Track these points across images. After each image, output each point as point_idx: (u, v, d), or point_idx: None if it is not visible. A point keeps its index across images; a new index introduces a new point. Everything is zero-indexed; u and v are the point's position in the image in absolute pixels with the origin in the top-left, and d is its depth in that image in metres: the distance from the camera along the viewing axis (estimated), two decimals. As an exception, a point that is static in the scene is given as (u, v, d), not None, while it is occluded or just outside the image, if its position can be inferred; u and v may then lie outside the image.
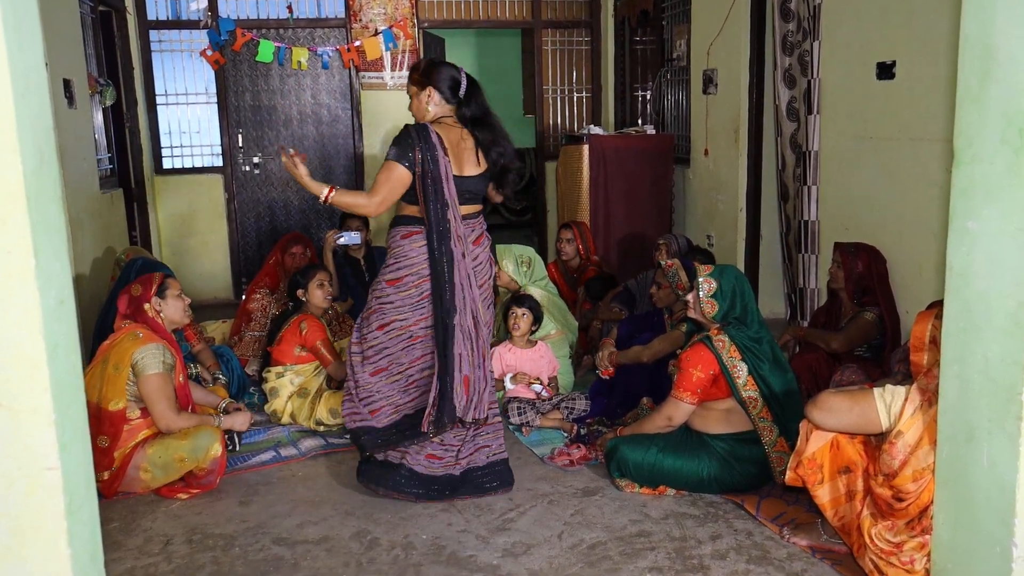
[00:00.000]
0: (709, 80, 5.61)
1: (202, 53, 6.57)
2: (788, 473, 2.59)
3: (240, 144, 6.82)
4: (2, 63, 1.33)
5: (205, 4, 6.51)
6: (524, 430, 3.76)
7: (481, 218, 3.14)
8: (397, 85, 6.84)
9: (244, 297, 4.91)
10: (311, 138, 6.97)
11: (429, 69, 3.07)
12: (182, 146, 6.78)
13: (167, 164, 6.73)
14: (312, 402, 3.88)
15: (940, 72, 3.54)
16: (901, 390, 2.36)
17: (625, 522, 2.88)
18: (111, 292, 4.27)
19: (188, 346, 4.06)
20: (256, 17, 6.70)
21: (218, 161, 6.82)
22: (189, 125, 6.77)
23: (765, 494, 3.00)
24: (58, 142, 4.05)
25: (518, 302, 4.10)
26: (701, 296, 3.06)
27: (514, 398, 3.87)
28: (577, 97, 7.47)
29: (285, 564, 2.66)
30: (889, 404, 2.35)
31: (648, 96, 7.01)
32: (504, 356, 4.05)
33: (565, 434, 3.71)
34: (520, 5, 7.18)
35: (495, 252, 3.74)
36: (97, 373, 3.15)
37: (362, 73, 6.85)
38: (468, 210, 3.05)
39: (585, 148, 5.85)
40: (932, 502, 2.18)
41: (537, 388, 3.96)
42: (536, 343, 4.13)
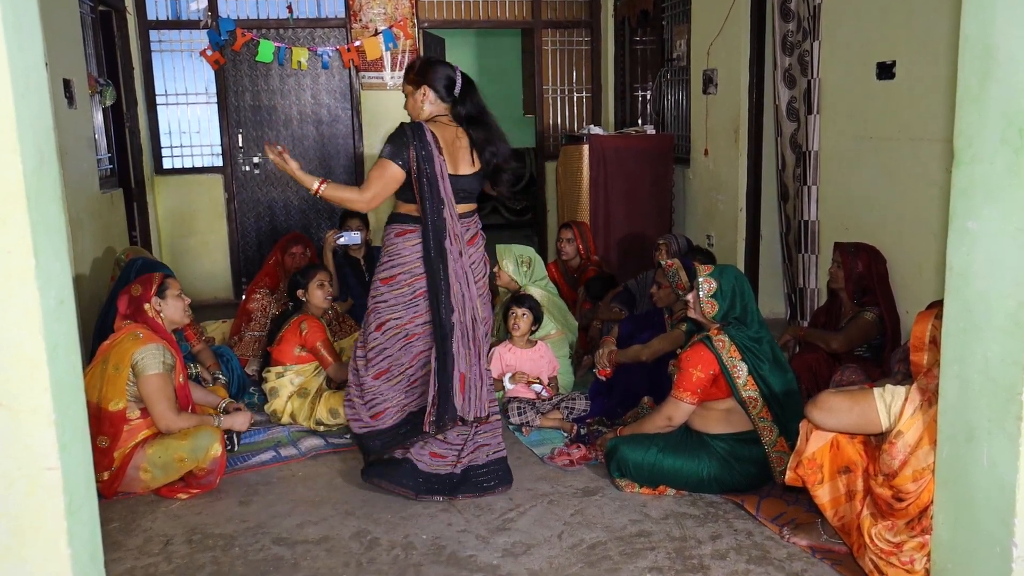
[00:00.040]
0: (709, 80, 5.61)
1: (202, 53, 6.57)
2: (788, 473, 2.59)
3: (240, 144, 6.82)
4: (2, 63, 1.33)
5: (205, 4, 6.51)
6: (524, 430, 3.76)
7: (476, 217, 3.14)
8: (397, 85, 6.83)
9: (244, 297, 4.91)
10: (311, 138, 6.96)
11: (424, 68, 3.08)
12: (182, 146, 6.78)
13: (167, 164, 6.73)
14: (312, 402, 3.88)
15: (940, 72, 3.54)
16: (901, 390, 2.36)
17: (625, 522, 2.88)
18: (111, 292, 4.27)
19: (188, 346, 4.06)
20: (256, 17, 6.70)
21: (218, 161, 6.83)
22: (189, 125, 6.77)
23: (765, 494, 3.00)
24: (58, 142, 4.04)
25: (518, 302, 4.10)
26: (701, 296, 3.06)
27: (514, 398, 3.87)
28: (577, 97, 7.47)
29: (285, 564, 2.66)
30: (889, 404, 2.35)
31: (648, 96, 7.01)
32: (504, 356, 4.05)
33: (565, 434, 3.71)
34: (520, 5, 7.18)
35: (494, 252, 3.74)
36: (97, 373, 3.15)
37: (362, 73, 6.85)
38: (463, 209, 3.05)
39: (585, 148, 5.85)
40: (932, 502, 2.18)
41: (537, 388, 3.96)
42: (536, 343, 4.13)
